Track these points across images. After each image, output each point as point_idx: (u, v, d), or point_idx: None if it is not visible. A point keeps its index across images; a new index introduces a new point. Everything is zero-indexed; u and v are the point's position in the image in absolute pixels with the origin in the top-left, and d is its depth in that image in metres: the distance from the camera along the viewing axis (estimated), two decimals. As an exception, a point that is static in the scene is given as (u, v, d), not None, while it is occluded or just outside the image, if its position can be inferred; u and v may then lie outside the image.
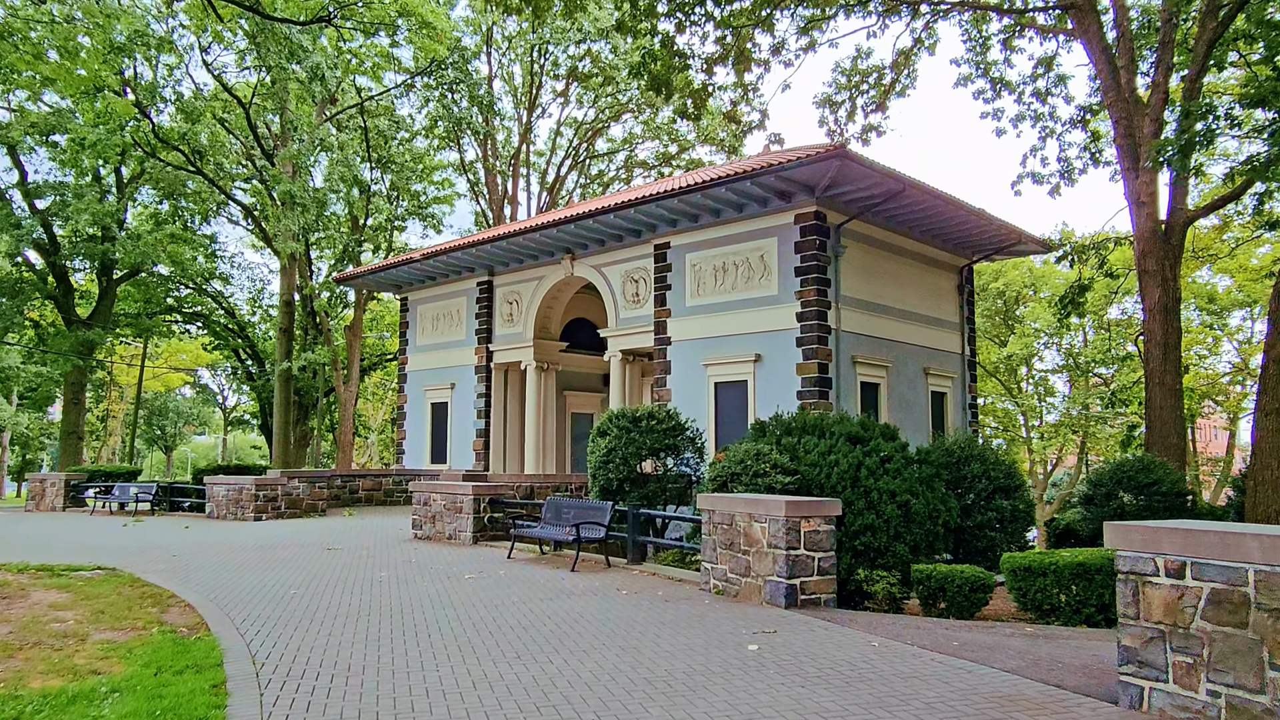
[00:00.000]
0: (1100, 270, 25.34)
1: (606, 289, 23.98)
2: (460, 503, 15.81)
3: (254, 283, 50.29)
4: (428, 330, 29.30)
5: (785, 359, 19.67)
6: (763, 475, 13.36)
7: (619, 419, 16.12)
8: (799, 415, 15.04)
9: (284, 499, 22.04)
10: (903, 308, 22.18)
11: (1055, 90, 28.05)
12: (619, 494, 15.82)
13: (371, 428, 61.54)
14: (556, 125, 43.63)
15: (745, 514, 9.64)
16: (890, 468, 13.61)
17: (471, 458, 26.95)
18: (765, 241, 20.36)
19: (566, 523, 13.26)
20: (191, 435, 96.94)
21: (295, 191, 24.70)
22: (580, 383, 29.23)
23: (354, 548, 15.41)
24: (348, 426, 37.95)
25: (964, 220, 21.83)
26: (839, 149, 17.26)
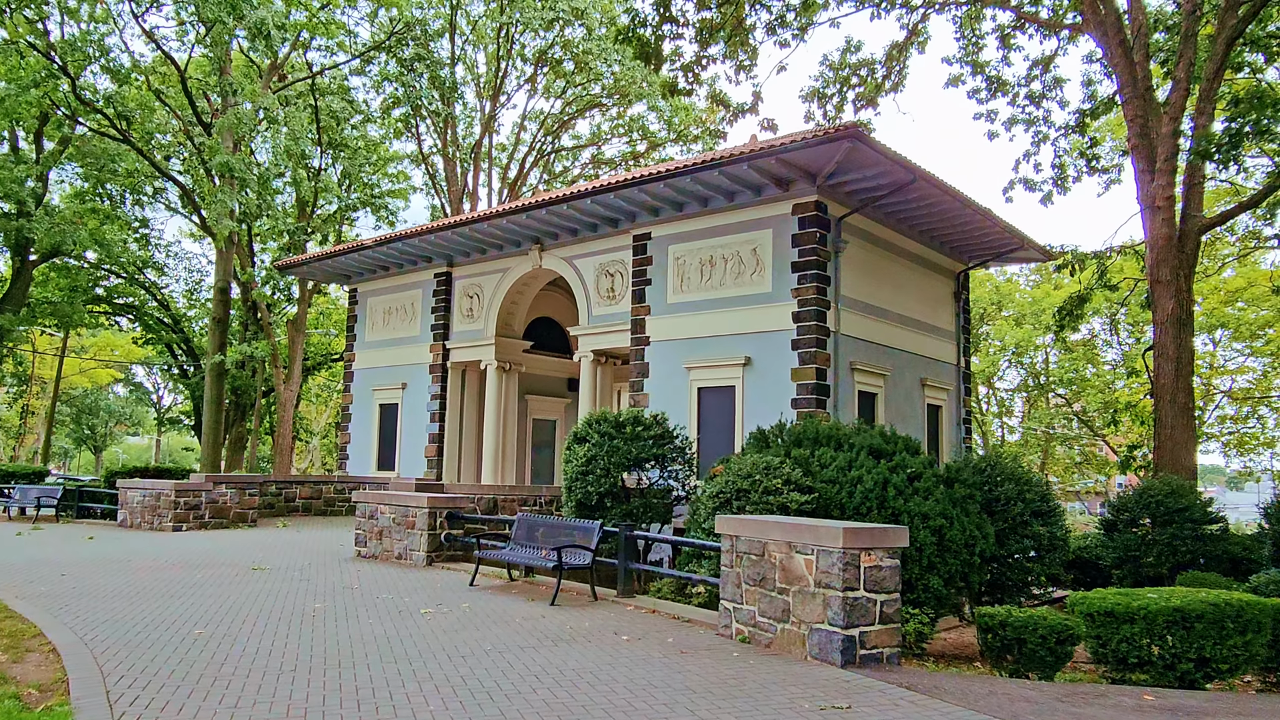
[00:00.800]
0: (1100, 281, 23.98)
1: (578, 283, 21.89)
2: (413, 516, 13.57)
3: (191, 274, 46.96)
4: (378, 325, 26.89)
5: (779, 363, 17.78)
6: (774, 493, 11.43)
7: (600, 424, 14.05)
8: (810, 424, 13.14)
9: (209, 507, 19.49)
10: (901, 313, 20.49)
11: (1050, 94, 26.81)
12: (598, 510, 13.72)
13: (314, 431, 58.39)
14: (521, 118, 41.46)
15: (782, 542, 7.64)
16: (920, 487, 11.76)
17: (423, 465, 24.59)
18: (759, 234, 18.48)
19: (543, 545, 11.13)
20: (124, 435, 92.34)
21: (234, 164, 22.14)
22: (543, 386, 27.07)
23: (285, 568, 13.07)
24: (287, 429, 35.19)
25: (968, 221, 20.23)
26: (851, 129, 15.46)
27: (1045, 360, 52.58)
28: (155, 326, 43.80)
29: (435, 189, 39.36)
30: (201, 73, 33.56)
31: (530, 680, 6.48)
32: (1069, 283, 51.49)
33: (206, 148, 23.01)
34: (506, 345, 24.02)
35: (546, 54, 34.27)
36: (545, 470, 27.18)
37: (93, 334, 60.82)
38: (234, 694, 6.03)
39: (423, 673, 6.67)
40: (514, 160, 42.46)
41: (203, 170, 26.58)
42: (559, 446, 27.55)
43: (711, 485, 12.09)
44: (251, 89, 23.86)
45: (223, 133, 24.31)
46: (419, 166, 43.19)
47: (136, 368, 66.77)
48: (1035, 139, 27.27)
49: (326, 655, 7.26)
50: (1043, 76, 26.59)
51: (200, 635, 8.03)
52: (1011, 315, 51.28)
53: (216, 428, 28.69)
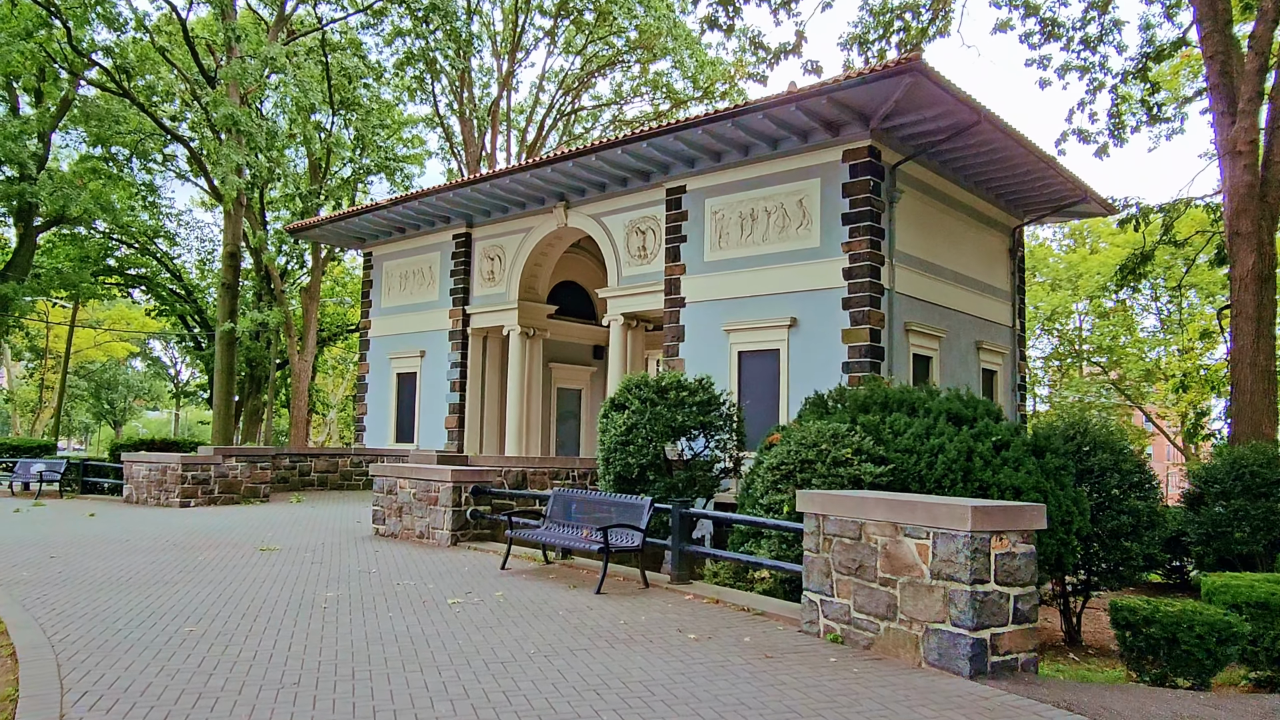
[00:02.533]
0: (1165, 236, 22.36)
1: (607, 241, 20.49)
2: (435, 491, 12.32)
3: (204, 244, 45.86)
4: (395, 290, 25.60)
5: (828, 324, 16.37)
6: (844, 464, 10.09)
7: (640, 388, 12.71)
8: (876, 388, 11.76)
9: (218, 482, 18.37)
10: (956, 270, 18.99)
11: (1108, 38, 24.99)
12: (638, 483, 12.43)
13: (331, 404, 57.47)
14: (540, 77, 39.87)
15: (886, 523, 6.30)
16: (1009, 456, 10.38)
17: (443, 437, 23.40)
18: (806, 183, 17.00)
19: (583, 523, 9.85)
20: (143, 410, 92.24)
21: (239, 117, 20.79)
22: (568, 354, 25.76)
23: (296, 548, 11.88)
24: (302, 401, 34.11)
25: (1029, 170, 18.65)
26: (914, 61, 13.92)
27: (1078, 328, 50.89)
28: (168, 298, 42.75)
29: (452, 152, 37.91)
30: (208, 32, 32.18)
31: (590, 698, 5.19)
32: (1105, 248, 49.66)
33: (211, 100, 21.64)
34: (530, 310, 22.69)
35: (568, 4, 32.59)
36: (570, 442, 25.95)
37: (106, 307, 60.02)
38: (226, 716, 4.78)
39: (457, 687, 5.40)
40: (532, 123, 40.89)
41: (209, 131, 25.28)
42: (585, 417, 26.31)
43: (769, 456, 10.76)
44: (257, 38, 22.43)
45: (228, 83, 22.89)
46: (434, 129, 41.74)
47: (154, 342, 66.09)
48: (1091, 87, 25.49)
49: (338, 661, 6.00)
50: (1100, 19, 24.78)
51: (192, 633, 6.79)
52: (1046, 281, 49.49)
53: (228, 399, 27.59)
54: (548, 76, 40.18)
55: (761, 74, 19.73)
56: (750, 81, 18.13)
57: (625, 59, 38.48)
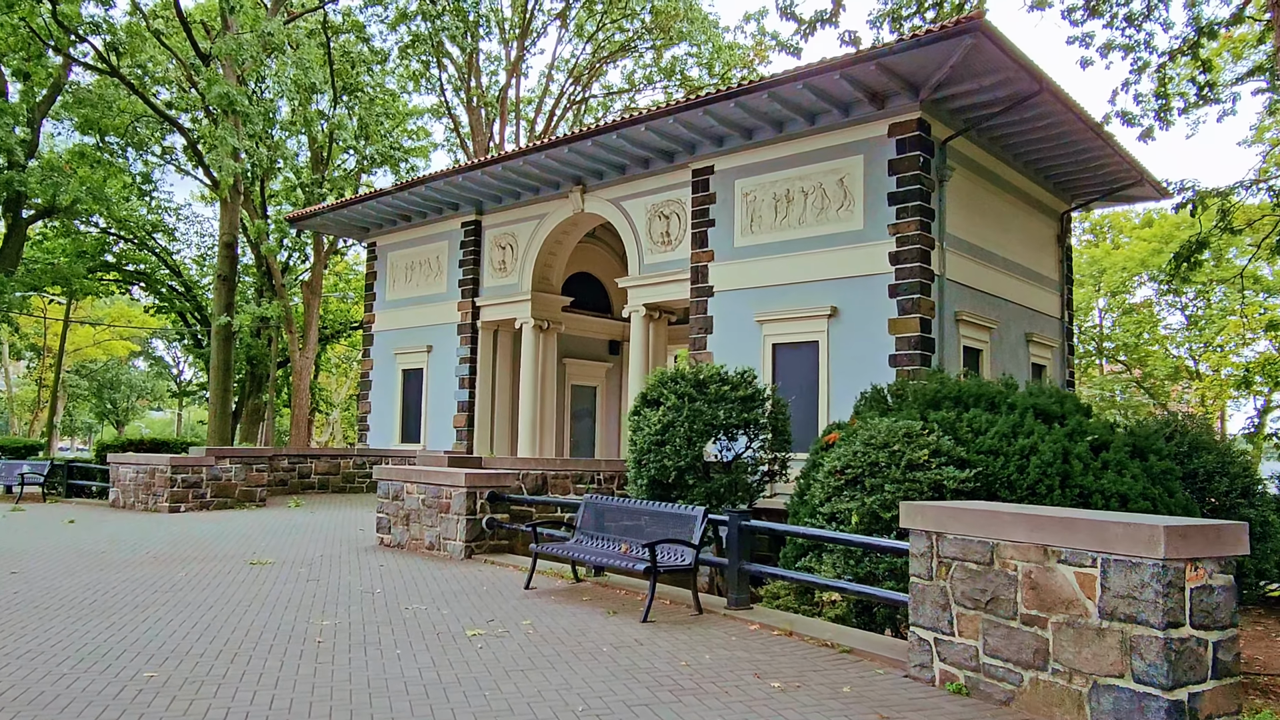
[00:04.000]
0: (1223, 223, 20.94)
1: (627, 227, 19.14)
2: (447, 498, 10.98)
3: (203, 239, 44.59)
4: (400, 282, 24.27)
5: (873, 313, 15.00)
6: (920, 467, 8.73)
7: (676, 382, 11.35)
8: (947, 381, 10.40)
9: (210, 485, 17.05)
10: (1006, 256, 17.63)
11: (1154, 14, 23.55)
12: (675, 488, 11.08)
13: (334, 403, 56.17)
14: (549, 66, 38.55)
15: (1029, 545, 4.94)
16: (1110, 459, 9.02)
17: (451, 436, 22.07)
18: (847, 161, 15.64)
19: (620, 537, 8.50)
20: (146, 410, 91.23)
21: (234, 96, 19.46)
22: (582, 349, 24.42)
23: (292, 561, 10.54)
24: (304, 400, 32.79)
25: (1085, 148, 17.32)
26: (974, 20, 12.56)
27: (1098, 325, 49.53)
28: (167, 295, 41.47)
29: (460, 142, 36.59)
30: (206, 16, 30.89)
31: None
32: (1127, 243, 48.20)
33: (204, 79, 20.31)
34: (544, 301, 21.35)
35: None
36: (585, 442, 24.61)
37: (106, 304, 58.81)
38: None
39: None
40: (541, 113, 39.54)
41: (205, 116, 23.88)
42: (600, 416, 24.98)
43: (830, 458, 9.40)
44: (255, 15, 21.14)
45: (222, 60, 21.59)
46: (440, 119, 40.43)
47: (156, 341, 64.98)
48: (1135, 66, 24.04)
49: (333, 724, 4.65)
50: (1146, -6, 23.35)
51: (152, 681, 5.45)
52: (1075, 278, 48.01)
53: (225, 397, 26.29)
54: (557, 65, 38.85)
55: (795, 45, 18.21)
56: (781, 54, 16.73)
57: (637, 45, 37.14)
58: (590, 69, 37.34)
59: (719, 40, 34.32)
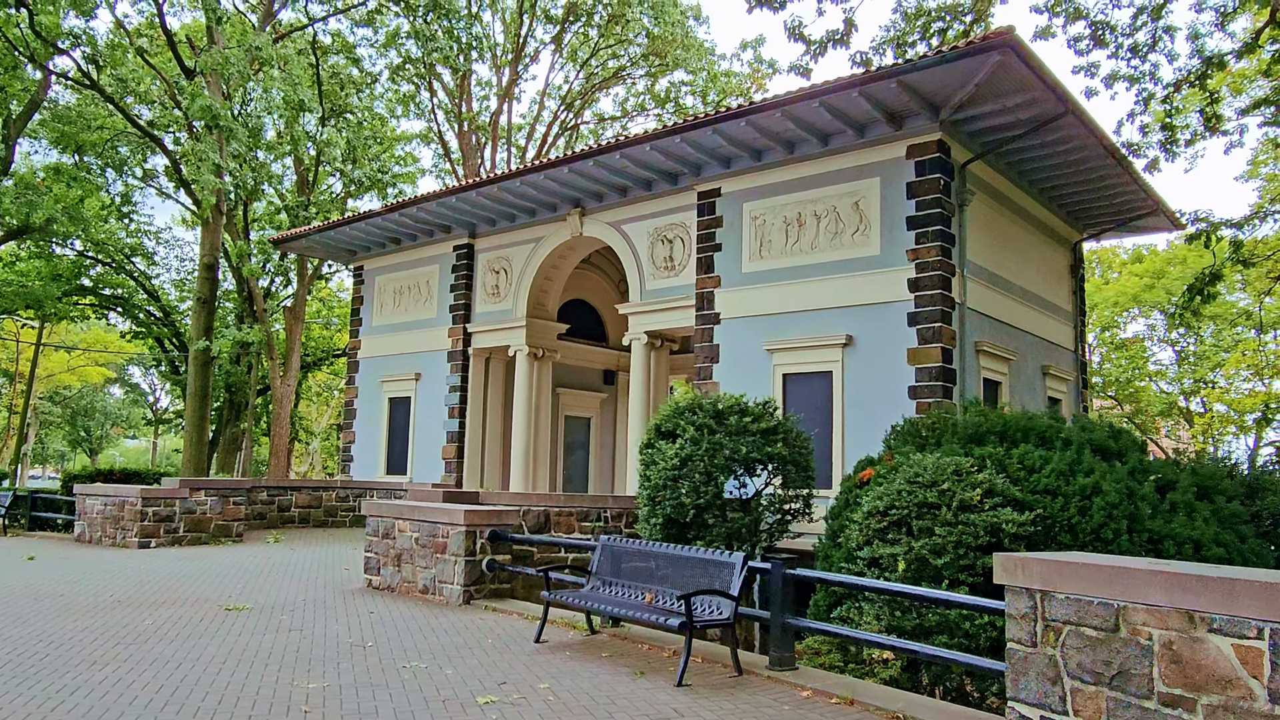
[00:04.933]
0: (1234, 255, 20.47)
1: (628, 252, 18.40)
2: (444, 536, 10.05)
3: (183, 262, 43.55)
4: (388, 307, 23.38)
5: (890, 342, 14.27)
6: (972, 509, 7.92)
7: (693, 413, 10.52)
8: (990, 412, 9.65)
9: (184, 518, 15.99)
10: (1023, 286, 17.01)
11: (1160, 45, 23.25)
12: (693, 528, 10.20)
13: (314, 432, 54.83)
14: (541, 91, 38.03)
15: (1171, 611, 4.14)
16: (1177, 500, 8.26)
17: (439, 468, 21.08)
18: (863, 184, 14.99)
19: (643, 584, 7.63)
20: (120, 438, 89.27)
21: (218, 110, 18.62)
22: (577, 379, 23.56)
23: (272, 607, 9.56)
24: (284, 428, 31.66)
25: (1104, 175, 16.83)
26: (1006, 36, 11.98)
27: (1089, 361, 49.23)
28: (145, 320, 40.32)
29: (450, 167, 35.88)
30: (190, 35, 30.13)
31: None
32: (1116, 278, 48.07)
33: (186, 94, 19.46)
34: (539, 328, 20.52)
35: (578, 7, 30.75)
36: (579, 476, 23.67)
37: (81, 329, 57.40)
38: None
39: None
40: (532, 140, 38.97)
41: (188, 135, 22.94)
42: (594, 448, 24.08)
43: (869, 497, 8.58)
44: (241, 27, 20.39)
45: (207, 73, 20.76)
46: (429, 145, 39.78)
47: (133, 367, 63.55)
48: (1140, 97, 23.72)
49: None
50: (1153, 25, 23.04)
51: (103, 765, 4.52)
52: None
53: (201, 425, 25.17)
54: (549, 92, 38.36)
55: (805, 65, 17.75)
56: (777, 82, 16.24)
57: (631, 73, 36.70)
58: (583, 95, 36.86)
59: (714, 68, 33.93)
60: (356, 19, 27.51)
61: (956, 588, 7.74)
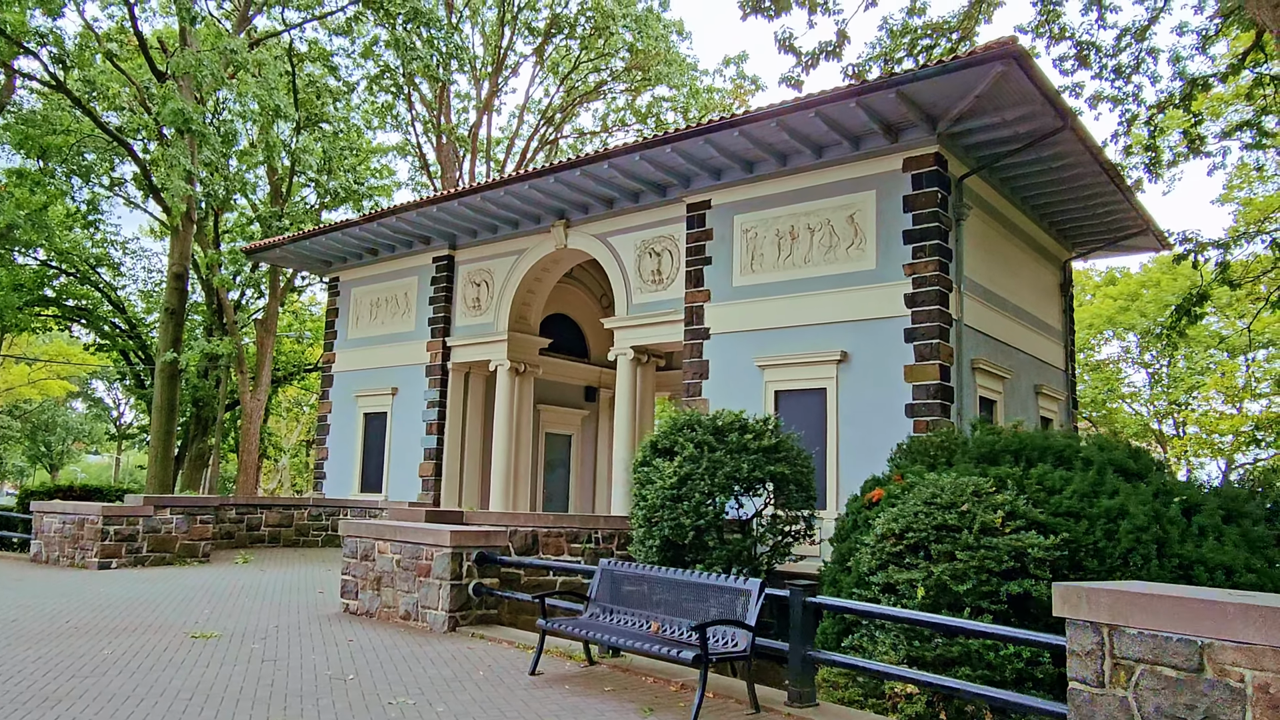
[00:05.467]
0: (1220, 276, 20.43)
1: (614, 265, 17.96)
2: (428, 558, 9.48)
3: (150, 274, 42.50)
4: (364, 319, 22.74)
5: (887, 359, 13.91)
6: (993, 531, 7.52)
7: (691, 429, 10.05)
8: (1002, 430, 9.27)
9: (148, 537, 15.23)
10: (1017, 303, 16.77)
11: (1143, 67, 23.30)
12: (693, 550, 9.71)
13: (284, 448, 53.65)
14: (521, 105, 37.59)
15: (1267, 650, 3.71)
16: (1204, 523, 7.91)
17: (416, 486, 20.42)
18: (858, 196, 14.67)
19: (647, 612, 7.12)
20: (82, 453, 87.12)
21: (190, 114, 17.95)
22: (557, 395, 23.02)
23: (242, 634, 8.93)
24: (253, 444, 30.77)
25: (1096, 193, 16.64)
26: (1007, 46, 11.72)
27: (1077, 380, 49.56)
28: (110, 333, 39.20)
29: (427, 179, 35.32)
30: (161, 40, 29.41)
31: None
32: (1090, 300, 48.40)
33: (158, 97, 18.77)
34: (521, 342, 19.99)
35: (560, 19, 30.44)
36: (559, 495, 23.08)
37: (43, 341, 55.90)
38: None
39: None
40: (511, 154, 38.52)
41: (158, 143, 22.11)
42: (575, 466, 23.52)
43: (881, 519, 8.15)
44: (215, 30, 19.76)
45: (179, 77, 20.10)
46: (405, 158, 39.19)
47: (96, 381, 62.04)
48: (1124, 118, 23.75)
49: None
50: (1137, 47, 23.07)
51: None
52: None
53: (167, 440, 24.30)
54: (529, 106, 37.98)
55: (797, 78, 17.48)
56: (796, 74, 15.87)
57: (612, 87, 36.42)
58: (564, 109, 36.51)
59: (696, 83, 33.73)
60: (333, 28, 26.96)
61: (979, 615, 7.31)
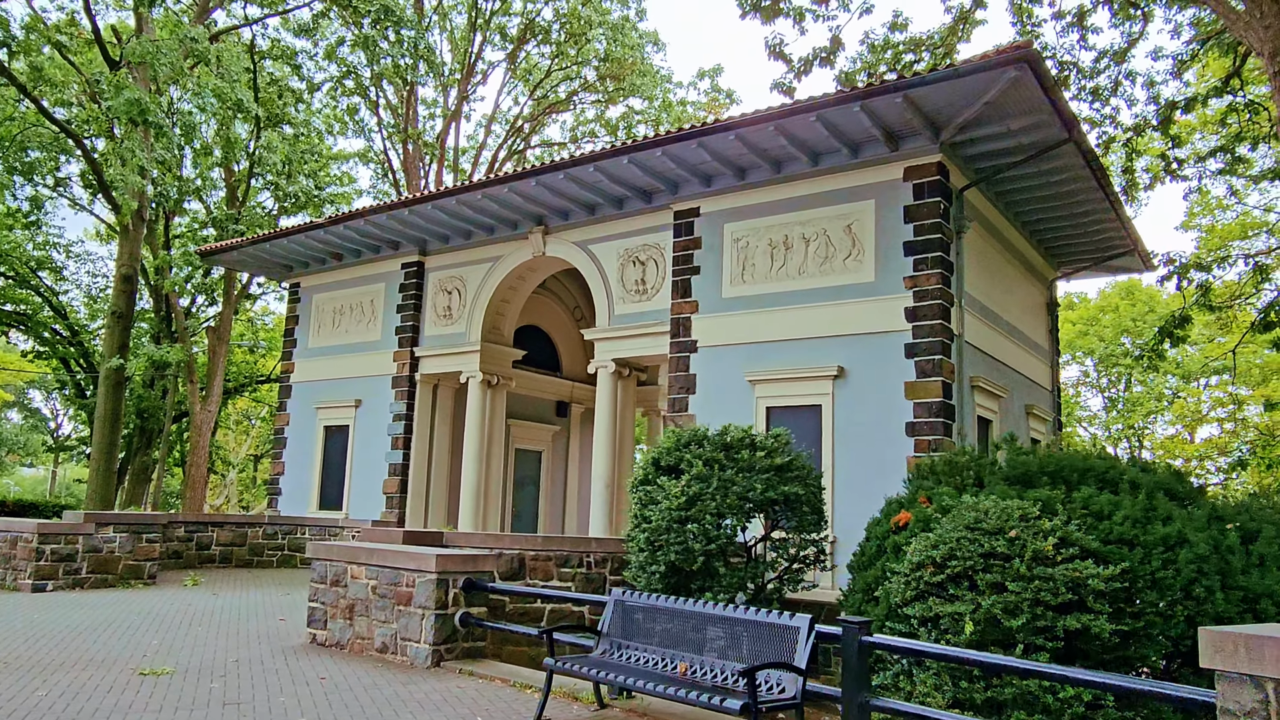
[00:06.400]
0: (1202, 298, 20.29)
1: (595, 274, 17.20)
2: (409, 585, 8.57)
3: (95, 279, 40.64)
4: (326, 328, 21.64)
5: (886, 375, 13.33)
6: (1045, 561, 6.89)
7: (698, 445, 9.29)
8: (1039, 453, 8.68)
9: (88, 557, 14.02)
10: (1009, 320, 16.34)
11: (1120, 90, 23.26)
12: (701, 576, 8.92)
13: (232, 463, 51.69)
14: (490, 113, 36.79)
15: None
16: (1265, 552, 7.36)
17: (380, 504, 19.35)
18: (856, 206, 14.12)
19: (669, 649, 6.32)
20: (16, 466, 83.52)
21: (147, 104, 16.75)
22: (528, 410, 22.12)
23: (198, 670, 7.93)
24: (202, 458, 29.30)
25: (1090, 211, 16.29)
26: (1023, 49, 11.27)
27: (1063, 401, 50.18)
28: (50, 339, 37.29)
29: (392, 186, 34.26)
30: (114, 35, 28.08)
31: None
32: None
33: (110, 85, 17.54)
34: (494, 354, 19.09)
35: (534, 25, 29.73)
36: (527, 513, 22.14)
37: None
38: None
39: None
40: (479, 166, 37.63)
41: (107, 140, 20.70)
42: (545, 484, 22.61)
43: (916, 545, 7.46)
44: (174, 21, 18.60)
45: (135, 64, 18.90)
46: (367, 165, 38.05)
47: (34, 391, 59.42)
48: (1100, 140, 23.68)
49: None
50: (1116, 70, 23.00)
51: None
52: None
53: (110, 451, 22.86)
54: (496, 116, 37.17)
55: (789, 84, 16.99)
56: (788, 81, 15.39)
57: (583, 98, 35.78)
58: (533, 119, 35.76)
59: (669, 96, 33.22)
60: (296, 26, 25.90)
61: (1033, 653, 6.65)
